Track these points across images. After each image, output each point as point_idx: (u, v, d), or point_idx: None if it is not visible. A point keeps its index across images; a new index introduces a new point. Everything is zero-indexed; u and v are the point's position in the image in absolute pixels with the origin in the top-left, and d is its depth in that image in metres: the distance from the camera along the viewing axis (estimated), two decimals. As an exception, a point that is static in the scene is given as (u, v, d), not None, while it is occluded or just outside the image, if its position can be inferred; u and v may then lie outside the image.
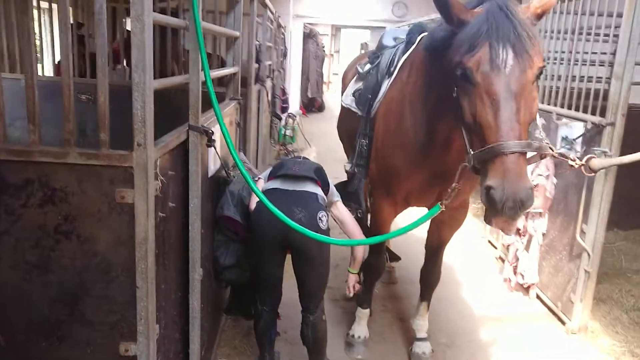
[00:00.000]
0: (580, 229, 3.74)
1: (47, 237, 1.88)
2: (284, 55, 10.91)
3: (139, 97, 1.78)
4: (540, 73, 1.90)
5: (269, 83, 7.12)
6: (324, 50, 16.97)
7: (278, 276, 2.96)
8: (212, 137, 2.51)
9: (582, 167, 1.96)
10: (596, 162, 1.90)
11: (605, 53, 5.20)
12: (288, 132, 9.31)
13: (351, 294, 3.22)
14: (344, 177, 3.58)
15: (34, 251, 1.88)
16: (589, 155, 1.93)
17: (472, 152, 1.91)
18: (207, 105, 2.48)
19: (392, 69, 3.03)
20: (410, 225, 2.25)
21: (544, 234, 4.25)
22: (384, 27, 13.18)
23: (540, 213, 4.22)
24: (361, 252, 3.14)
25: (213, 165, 2.90)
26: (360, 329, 3.49)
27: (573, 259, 3.88)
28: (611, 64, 4.75)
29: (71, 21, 5.51)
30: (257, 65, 5.39)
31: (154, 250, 1.97)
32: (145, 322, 1.97)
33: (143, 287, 1.94)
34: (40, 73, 5.11)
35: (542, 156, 1.89)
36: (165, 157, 2.10)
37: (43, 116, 1.87)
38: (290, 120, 9.40)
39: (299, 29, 12.89)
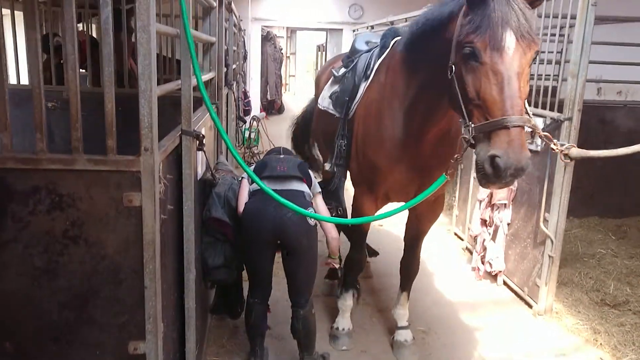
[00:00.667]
0: (543, 217, 4.01)
1: (55, 243, 1.92)
2: (244, 58, 10.94)
3: (146, 103, 1.85)
4: (537, 55, 2.10)
5: (235, 87, 7.17)
6: (281, 53, 17.06)
7: (269, 270, 3.09)
8: (203, 141, 2.60)
9: (562, 154, 2.16)
10: (574, 152, 2.10)
11: (552, 52, 5.53)
12: (252, 135, 9.37)
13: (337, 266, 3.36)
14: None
15: (43, 257, 1.92)
16: (569, 144, 2.12)
17: (472, 125, 2.07)
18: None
19: (368, 72, 3.19)
20: (408, 203, 2.47)
21: (509, 224, 4.51)
22: (341, 29, 13.46)
23: (505, 204, 4.48)
24: (336, 242, 3.24)
25: (200, 169, 2.97)
26: (344, 322, 3.63)
27: (537, 245, 4.15)
28: (558, 62, 5.07)
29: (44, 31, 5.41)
30: (225, 69, 5.45)
31: (160, 252, 2.04)
32: (153, 321, 2.04)
33: (151, 287, 2.01)
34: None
35: (533, 134, 2.08)
36: (165, 162, 2.17)
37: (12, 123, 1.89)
38: (255, 123, 9.46)
39: (257, 31, 12.94)
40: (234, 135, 7.46)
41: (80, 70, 5.48)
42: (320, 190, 3.18)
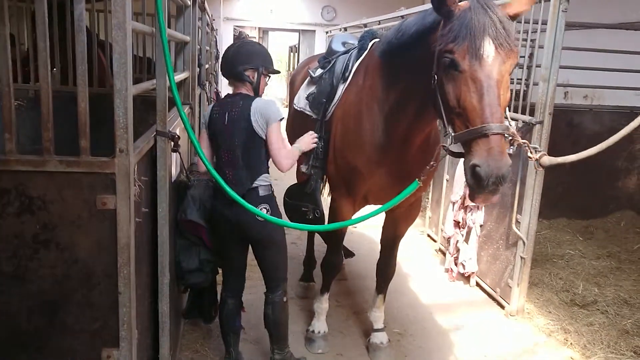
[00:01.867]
0: (515, 219, 4.07)
1: (25, 247, 1.86)
2: (216, 58, 10.83)
3: (121, 103, 1.81)
4: (515, 65, 2.12)
5: (207, 87, 7.08)
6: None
7: (238, 264, 3.12)
8: (178, 142, 2.54)
9: (535, 162, 2.19)
10: (546, 159, 2.12)
11: (522, 57, 5.64)
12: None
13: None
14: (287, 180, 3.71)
15: (11, 261, 1.85)
16: (541, 153, 2.15)
17: (453, 133, 2.09)
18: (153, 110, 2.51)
19: (347, 74, 3.18)
20: (382, 207, 2.49)
21: (481, 226, 4.57)
22: (314, 31, 13.48)
23: (477, 206, 4.53)
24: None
25: (175, 170, 2.91)
26: (320, 325, 3.61)
27: (509, 247, 4.21)
28: (528, 67, 5.18)
29: None
30: (198, 69, 5.37)
31: (134, 256, 1.99)
32: (127, 328, 1.99)
33: (125, 293, 1.96)
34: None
35: (512, 142, 2.10)
36: (139, 163, 2.11)
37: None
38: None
39: (229, 31, 12.85)
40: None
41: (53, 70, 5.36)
42: (275, 120, 2.84)
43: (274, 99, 10.50)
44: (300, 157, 3.14)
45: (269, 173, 2.95)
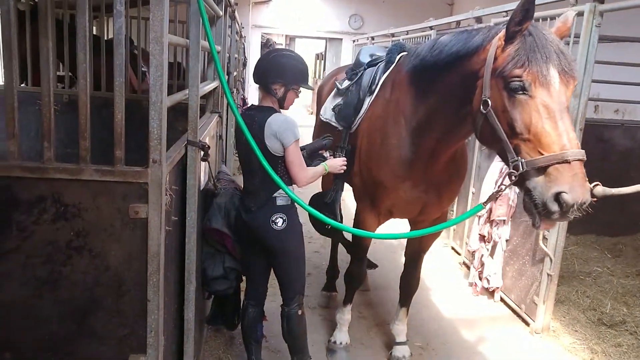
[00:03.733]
0: (542, 235, 4.01)
1: (59, 253, 1.90)
2: (244, 65, 10.96)
3: (156, 115, 1.84)
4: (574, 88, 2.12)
5: (235, 94, 7.16)
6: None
7: (258, 271, 3.14)
8: (208, 152, 2.58)
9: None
10: (599, 190, 2.08)
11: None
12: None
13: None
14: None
15: (45, 267, 1.89)
16: (595, 183, 2.09)
17: (522, 160, 2.04)
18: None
19: (373, 87, 3.18)
20: (454, 220, 2.47)
21: (507, 240, 4.51)
22: (341, 39, 13.52)
23: (504, 220, 4.47)
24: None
25: (203, 179, 2.95)
26: (342, 335, 3.61)
27: (536, 263, 4.15)
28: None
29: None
30: (227, 77, 5.44)
31: (163, 264, 2.02)
32: (155, 334, 2.01)
33: (154, 300, 1.98)
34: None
35: None
36: (171, 173, 2.15)
37: None
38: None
39: (257, 38, 12.97)
40: (232, 143, 7.44)
41: (69, 73, 5.45)
42: (290, 142, 2.78)
43: (299, 106, 10.52)
44: None
45: (290, 184, 2.91)
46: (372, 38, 9.64)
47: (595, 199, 2.02)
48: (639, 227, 6.18)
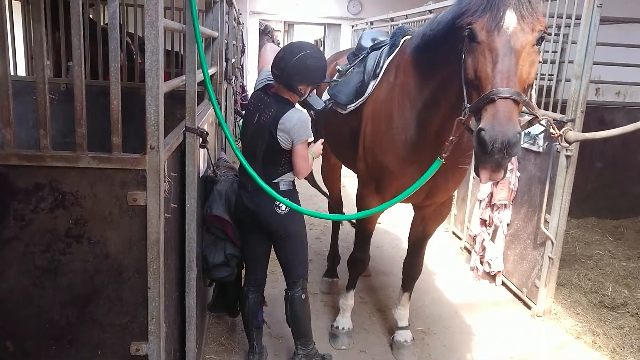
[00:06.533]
0: (544, 218, 4.00)
1: (58, 241, 1.89)
2: (242, 52, 10.87)
3: (152, 101, 1.82)
4: (542, 38, 2.07)
5: (233, 81, 7.11)
6: (279, 47, 16.96)
7: (258, 255, 3.16)
8: (207, 139, 2.56)
9: (559, 138, 2.13)
10: (571, 135, 2.07)
11: (547, 51, 5.52)
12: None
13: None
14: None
15: (45, 256, 1.89)
16: (566, 128, 2.09)
17: (468, 105, 2.06)
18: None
19: (378, 71, 3.14)
20: (413, 186, 2.50)
21: (508, 225, 4.50)
22: (340, 25, 13.40)
23: (505, 205, 4.46)
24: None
25: (202, 166, 2.94)
26: (345, 321, 3.61)
27: (537, 247, 4.14)
28: (553, 62, 5.06)
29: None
30: (225, 64, 5.40)
31: (163, 251, 2.01)
32: (156, 322, 2.01)
33: (154, 287, 1.98)
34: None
35: (532, 121, 2.04)
36: (169, 159, 2.13)
37: None
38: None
39: (255, 25, 12.85)
40: (232, 130, 7.42)
41: (68, 63, 5.41)
42: (303, 140, 2.88)
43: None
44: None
45: (290, 172, 2.95)
46: (371, 23, 9.54)
47: (568, 145, 2.01)
48: (640, 209, 6.18)
